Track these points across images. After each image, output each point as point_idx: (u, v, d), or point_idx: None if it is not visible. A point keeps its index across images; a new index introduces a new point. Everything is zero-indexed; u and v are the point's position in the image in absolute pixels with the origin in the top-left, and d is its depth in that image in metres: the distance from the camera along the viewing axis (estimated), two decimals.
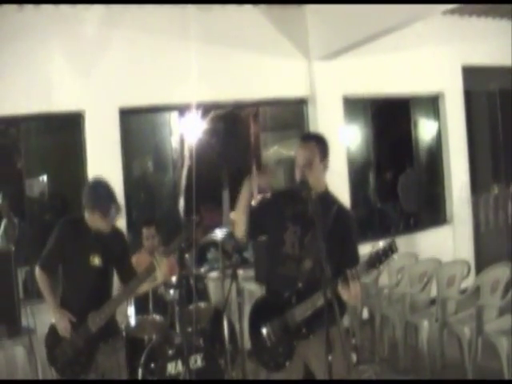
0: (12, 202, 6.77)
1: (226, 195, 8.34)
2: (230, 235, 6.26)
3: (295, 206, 3.83)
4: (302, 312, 3.67)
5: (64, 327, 4.22)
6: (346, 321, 5.08)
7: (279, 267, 3.86)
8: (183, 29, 6.93)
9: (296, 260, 3.77)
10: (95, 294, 4.28)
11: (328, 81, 7.94)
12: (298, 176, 3.77)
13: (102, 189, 4.36)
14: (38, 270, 4.35)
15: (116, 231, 4.51)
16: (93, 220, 4.30)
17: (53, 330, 4.32)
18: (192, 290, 5.63)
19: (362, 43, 7.14)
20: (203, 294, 6.19)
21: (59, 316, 4.25)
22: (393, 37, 6.99)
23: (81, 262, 4.30)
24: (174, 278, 5.60)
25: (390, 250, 3.42)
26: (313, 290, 3.55)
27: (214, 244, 6.87)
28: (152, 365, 5.29)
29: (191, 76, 6.68)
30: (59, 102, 6.48)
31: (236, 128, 8.71)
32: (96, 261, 4.31)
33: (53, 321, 4.33)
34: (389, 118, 9.25)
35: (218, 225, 6.79)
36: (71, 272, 4.35)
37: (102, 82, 6.64)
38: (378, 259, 3.44)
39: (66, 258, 4.32)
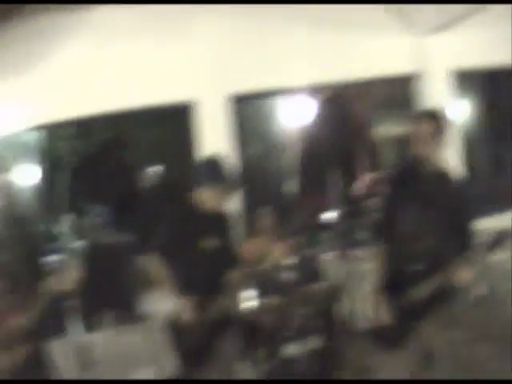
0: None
1: (335, 176, 8.32)
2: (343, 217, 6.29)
3: (410, 184, 3.80)
4: (421, 291, 3.66)
5: (189, 315, 4.12)
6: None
7: (396, 246, 3.85)
8: (289, 11, 6.96)
9: (413, 238, 3.75)
10: (209, 278, 4.24)
11: (436, 55, 7.75)
12: (413, 152, 3.74)
13: (223, 164, 4.29)
14: (152, 256, 4.24)
15: (221, 213, 4.42)
16: (208, 197, 4.25)
17: (173, 318, 4.24)
18: (307, 271, 5.67)
19: (469, 15, 6.95)
20: (318, 275, 6.24)
21: (183, 304, 4.15)
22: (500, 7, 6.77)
23: (193, 245, 4.22)
24: (289, 260, 5.69)
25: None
26: (431, 269, 3.53)
27: (327, 225, 6.89)
28: (269, 347, 5.40)
29: (298, 60, 6.72)
30: (168, 93, 6.67)
31: (344, 109, 8.66)
32: (208, 243, 4.25)
33: (169, 307, 4.24)
34: (503, 89, 8.91)
35: (331, 207, 6.82)
36: (184, 256, 4.23)
37: (211, 70, 6.78)
38: (495, 245, 3.42)
39: (178, 242, 4.21)
